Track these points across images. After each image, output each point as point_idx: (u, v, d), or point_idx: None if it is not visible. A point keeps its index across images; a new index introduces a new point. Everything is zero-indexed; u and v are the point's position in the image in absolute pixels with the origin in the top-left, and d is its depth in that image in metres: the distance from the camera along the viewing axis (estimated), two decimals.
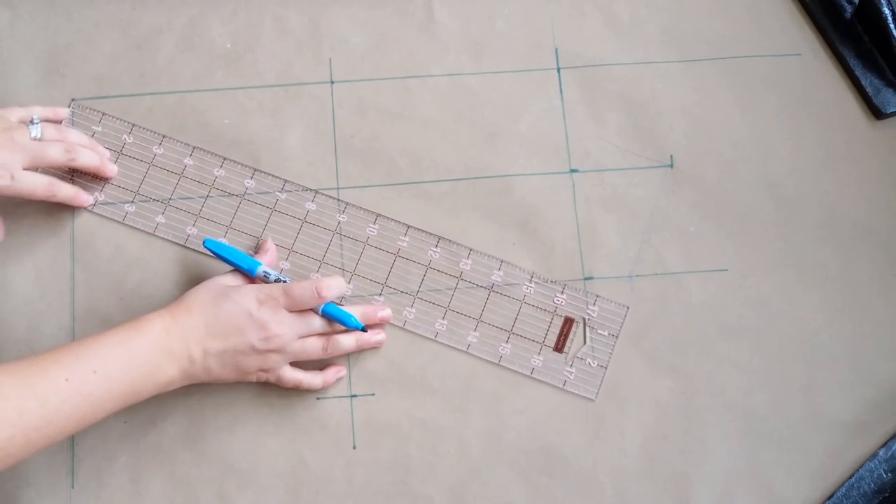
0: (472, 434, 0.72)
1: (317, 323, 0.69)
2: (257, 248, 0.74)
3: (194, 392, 0.71)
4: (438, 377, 0.73)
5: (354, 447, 0.71)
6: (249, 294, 0.66)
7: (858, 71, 0.80)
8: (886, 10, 0.79)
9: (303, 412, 0.72)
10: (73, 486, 0.69)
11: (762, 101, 0.80)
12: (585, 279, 0.75)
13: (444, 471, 0.71)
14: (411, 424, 0.72)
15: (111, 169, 0.75)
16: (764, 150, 0.79)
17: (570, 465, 0.71)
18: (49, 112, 0.75)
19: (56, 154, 0.71)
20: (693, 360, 0.74)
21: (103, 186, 0.76)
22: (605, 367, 0.73)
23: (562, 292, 0.75)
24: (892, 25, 0.79)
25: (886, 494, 0.71)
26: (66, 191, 0.73)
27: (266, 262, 0.71)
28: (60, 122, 0.75)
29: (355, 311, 0.71)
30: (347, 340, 0.71)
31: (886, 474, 0.71)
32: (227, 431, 0.71)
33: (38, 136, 0.70)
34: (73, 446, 0.70)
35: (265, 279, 0.70)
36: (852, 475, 0.71)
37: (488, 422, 0.72)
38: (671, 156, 0.79)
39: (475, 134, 0.79)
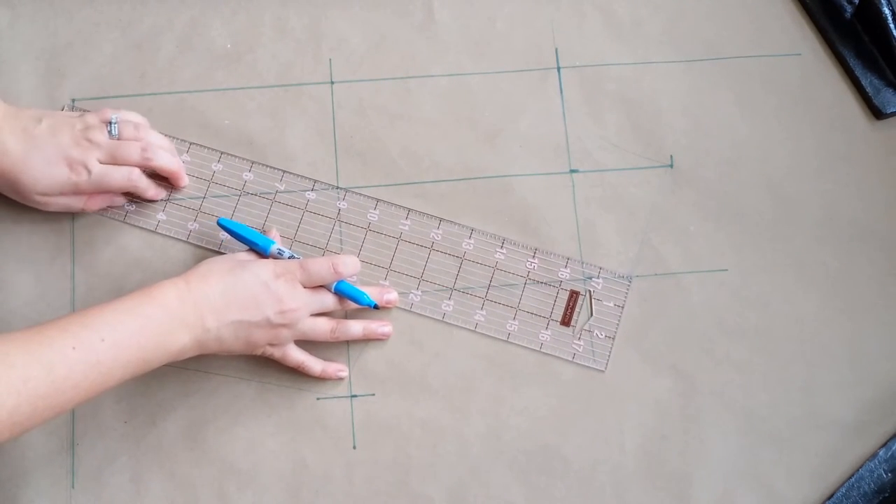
0: (472, 434, 0.72)
1: (329, 300, 0.70)
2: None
3: (195, 392, 0.71)
4: (438, 377, 0.73)
5: (354, 447, 0.71)
6: (267, 266, 0.67)
7: (858, 71, 0.80)
8: (886, 10, 0.79)
9: (303, 412, 0.72)
10: (73, 486, 0.69)
11: (762, 101, 0.80)
12: (585, 279, 0.75)
13: (444, 471, 0.71)
14: (411, 424, 0.72)
15: (184, 178, 0.76)
16: (764, 150, 0.79)
17: (570, 465, 0.71)
18: (131, 115, 0.75)
19: (132, 153, 0.72)
20: (693, 360, 0.74)
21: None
22: (613, 339, 0.74)
23: (565, 266, 0.75)
24: (892, 25, 0.79)
25: (886, 494, 0.71)
26: (143, 182, 0.73)
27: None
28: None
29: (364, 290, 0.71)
30: (355, 327, 0.71)
31: (886, 474, 0.71)
32: (227, 432, 0.71)
33: (116, 134, 0.72)
34: (73, 446, 0.70)
35: (278, 257, 0.70)
36: (852, 475, 0.71)
37: (488, 422, 0.72)
38: (671, 156, 0.79)
39: (475, 134, 0.79)
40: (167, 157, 0.74)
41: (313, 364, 0.71)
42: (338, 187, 0.77)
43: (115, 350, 0.59)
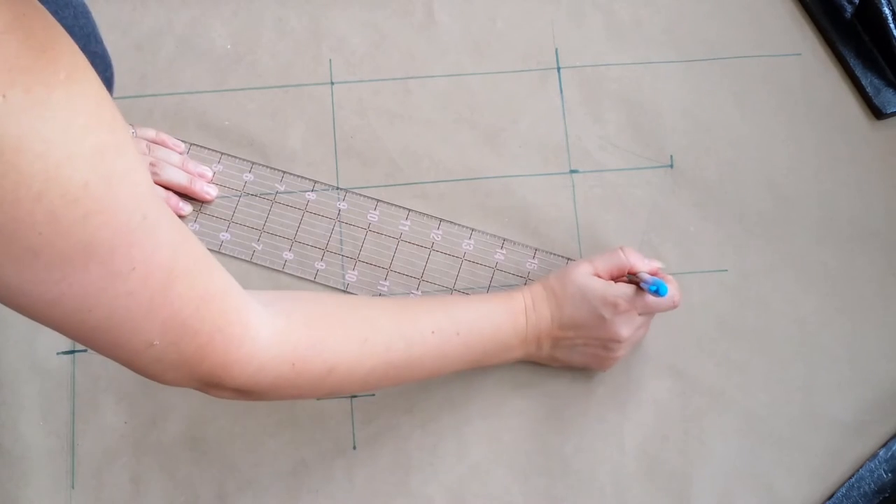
0: (472, 434, 0.72)
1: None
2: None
3: (195, 392, 0.71)
4: (439, 377, 0.73)
5: (354, 447, 0.71)
6: (606, 299, 0.66)
7: (858, 71, 0.80)
8: (886, 10, 0.79)
9: (303, 412, 0.72)
10: (73, 486, 0.70)
11: (762, 101, 0.80)
12: None
13: (444, 471, 0.71)
14: (411, 424, 0.72)
15: (204, 191, 0.76)
16: (764, 150, 0.79)
17: (570, 465, 0.71)
18: (149, 132, 0.76)
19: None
20: (693, 360, 0.74)
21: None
22: None
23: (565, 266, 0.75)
24: (892, 25, 0.79)
25: (887, 494, 0.71)
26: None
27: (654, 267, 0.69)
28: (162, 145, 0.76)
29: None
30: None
31: (887, 474, 0.71)
32: (227, 431, 0.71)
33: None
34: (73, 446, 0.70)
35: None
36: (853, 475, 0.71)
37: (488, 422, 0.72)
38: (671, 156, 0.79)
39: (475, 134, 0.79)
40: (174, 173, 0.74)
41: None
42: (338, 188, 0.77)
43: (463, 348, 0.64)
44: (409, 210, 0.76)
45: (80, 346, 0.72)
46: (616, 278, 0.68)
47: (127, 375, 0.71)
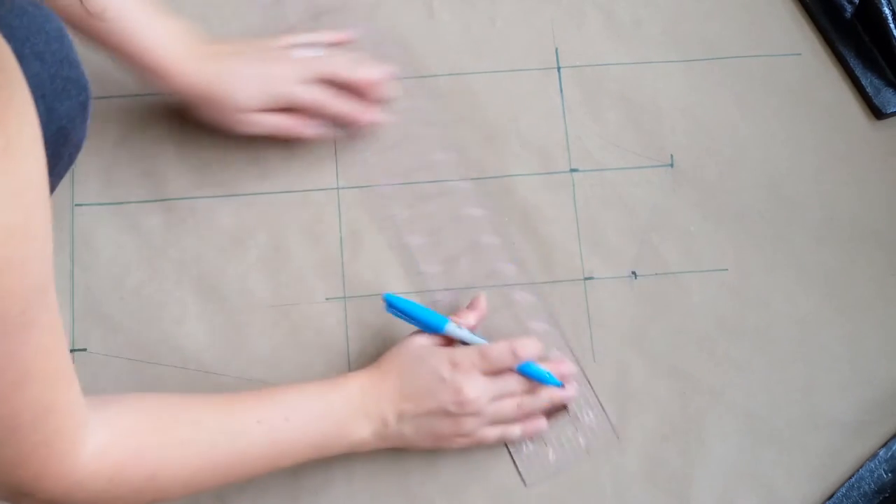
0: None
1: (512, 383, 0.67)
2: (470, 304, 0.70)
3: (195, 392, 0.71)
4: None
5: None
6: (443, 359, 0.65)
7: (858, 71, 0.80)
8: (886, 10, 0.79)
9: None
10: None
11: (762, 101, 0.80)
12: (585, 279, 0.75)
13: (445, 471, 0.71)
14: None
15: (371, 119, 0.75)
16: (764, 150, 0.79)
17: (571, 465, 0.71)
18: (328, 37, 0.75)
19: (340, 65, 0.72)
20: (693, 360, 0.74)
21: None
22: (604, 410, 0.72)
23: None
24: (892, 25, 0.79)
25: (887, 494, 0.71)
26: (340, 106, 0.73)
27: (475, 320, 0.69)
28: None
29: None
30: (542, 396, 0.68)
31: (887, 474, 0.71)
32: None
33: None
34: None
35: (454, 334, 0.67)
36: (852, 475, 0.71)
37: None
38: (671, 155, 0.79)
39: (475, 134, 0.79)
40: (340, 105, 0.73)
41: (512, 432, 0.68)
42: (338, 188, 0.77)
43: (296, 433, 0.61)
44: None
45: (80, 346, 0.71)
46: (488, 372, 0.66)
47: (127, 376, 0.71)
